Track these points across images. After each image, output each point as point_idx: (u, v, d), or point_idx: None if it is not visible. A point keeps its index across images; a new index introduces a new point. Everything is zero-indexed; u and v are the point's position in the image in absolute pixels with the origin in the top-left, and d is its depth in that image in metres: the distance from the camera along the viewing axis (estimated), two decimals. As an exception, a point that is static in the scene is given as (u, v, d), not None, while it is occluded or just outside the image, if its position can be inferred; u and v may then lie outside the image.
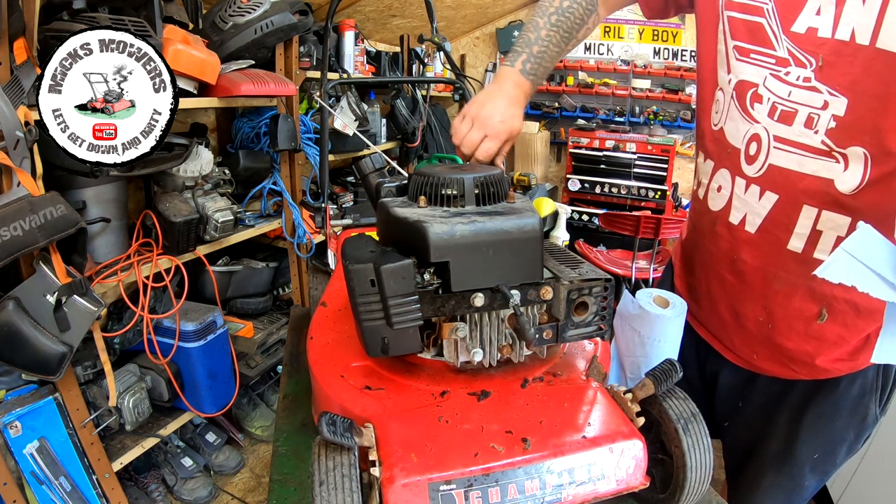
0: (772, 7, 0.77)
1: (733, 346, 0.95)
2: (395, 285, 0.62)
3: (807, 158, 0.76)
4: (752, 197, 0.83)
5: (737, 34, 0.82)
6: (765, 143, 0.80)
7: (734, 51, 0.83)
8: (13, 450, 1.40)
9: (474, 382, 0.72)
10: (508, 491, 0.58)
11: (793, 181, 0.77)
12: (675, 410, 0.67)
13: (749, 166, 0.82)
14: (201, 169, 1.73)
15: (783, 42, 0.76)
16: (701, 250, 0.97)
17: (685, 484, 0.66)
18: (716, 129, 0.88)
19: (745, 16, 0.81)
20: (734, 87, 0.84)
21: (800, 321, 0.84)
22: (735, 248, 0.87)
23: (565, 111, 3.66)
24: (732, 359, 0.96)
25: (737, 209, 0.86)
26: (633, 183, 3.27)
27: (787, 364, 0.89)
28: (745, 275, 0.87)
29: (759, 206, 0.82)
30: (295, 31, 1.94)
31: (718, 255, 0.91)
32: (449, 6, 3.16)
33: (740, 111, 0.83)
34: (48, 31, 1.31)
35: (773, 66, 0.78)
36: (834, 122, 0.72)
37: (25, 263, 1.31)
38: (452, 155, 3.22)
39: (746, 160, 0.83)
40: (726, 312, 0.94)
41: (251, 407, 2.25)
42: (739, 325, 0.92)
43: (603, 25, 3.56)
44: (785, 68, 0.76)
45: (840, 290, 0.79)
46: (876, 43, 0.67)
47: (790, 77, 0.76)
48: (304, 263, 2.31)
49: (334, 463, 0.57)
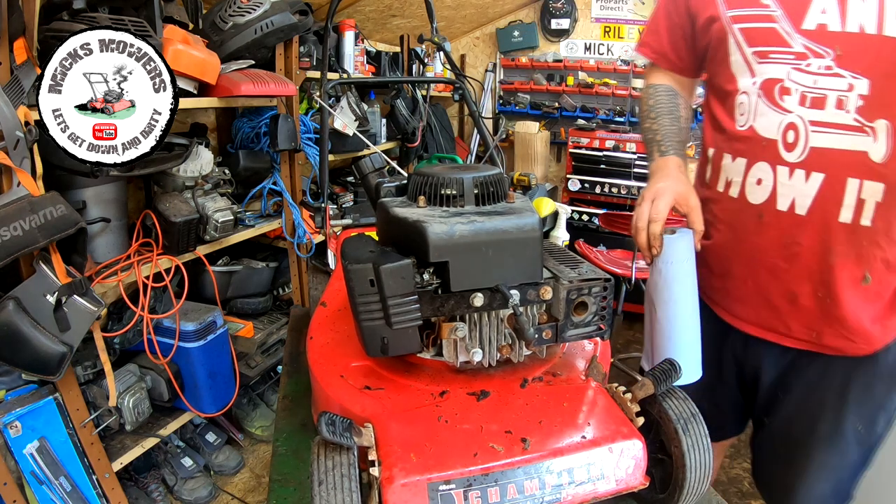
0: (780, 13, 0.87)
1: (790, 330, 0.98)
2: (394, 285, 0.62)
3: (843, 136, 0.84)
4: (798, 181, 0.89)
5: (753, 41, 0.91)
6: (802, 129, 0.87)
7: (754, 56, 0.92)
8: (13, 450, 1.40)
9: (474, 382, 0.72)
10: (508, 491, 0.58)
11: (835, 158, 0.85)
12: (675, 410, 0.68)
13: (789, 153, 0.89)
14: (201, 169, 1.73)
15: (797, 39, 0.86)
16: (744, 247, 1.00)
17: (685, 484, 0.66)
18: (744, 130, 0.95)
19: (757, 24, 0.90)
20: (760, 87, 0.91)
21: (851, 288, 0.91)
22: (788, 233, 0.92)
23: (565, 111, 3.66)
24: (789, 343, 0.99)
25: (783, 196, 0.91)
26: (633, 183, 3.27)
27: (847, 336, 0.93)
28: (800, 257, 0.92)
29: (806, 188, 0.88)
30: (295, 31, 1.94)
31: (767, 245, 0.96)
32: (449, 6, 3.16)
33: (770, 106, 0.90)
34: (48, 31, 1.31)
35: (793, 61, 0.87)
36: (861, 100, 0.82)
37: (25, 263, 1.31)
38: (452, 155, 3.23)
39: (786, 148, 0.89)
40: (781, 300, 0.97)
41: (251, 407, 2.25)
42: (797, 308, 0.95)
43: (603, 25, 3.56)
44: (804, 61, 0.86)
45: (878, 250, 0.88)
46: (882, 31, 0.79)
47: (812, 67, 0.85)
48: (304, 263, 2.31)
49: (334, 463, 0.57)
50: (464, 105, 3.96)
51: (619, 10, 3.50)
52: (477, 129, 1.95)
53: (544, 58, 3.66)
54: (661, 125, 1.06)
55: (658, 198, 0.95)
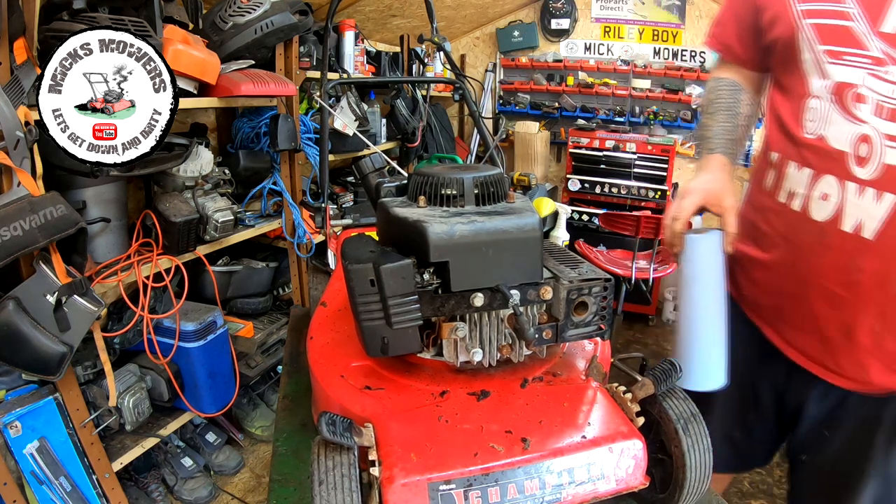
0: (857, 11, 0.78)
1: (839, 367, 0.90)
2: (394, 285, 0.62)
3: None
4: (868, 200, 0.80)
5: (825, 39, 0.83)
6: (876, 143, 0.78)
7: (825, 55, 0.83)
8: (13, 450, 1.40)
9: (474, 382, 0.72)
10: (508, 491, 0.58)
11: None
12: (675, 410, 0.68)
13: (861, 168, 0.80)
14: (201, 169, 1.73)
15: (875, 42, 0.77)
16: (801, 267, 0.91)
17: (685, 484, 0.66)
18: (812, 138, 0.87)
19: (831, 21, 0.82)
20: (832, 91, 0.83)
21: None
22: (850, 257, 0.84)
23: (565, 111, 3.66)
24: (837, 381, 0.91)
25: (850, 215, 0.82)
26: (633, 183, 3.27)
27: None
28: (861, 285, 0.83)
29: (876, 209, 0.79)
30: (295, 31, 1.94)
31: (826, 269, 0.87)
32: (449, 6, 3.16)
33: (843, 113, 0.82)
34: (48, 31, 1.31)
35: (871, 66, 0.78)
36: None
37: (25, 263, 1.31)
38: (453, 155, 3.23)
39: (857, 162, 0.81)
40: (835, 332, 0.89)
41: (251, 407, 2.25)
42: (851, 342, 0.87)
43: (603, 25, 3.56)
44: (883, 67, 0.77)
45: None
46: None
47: (890, 76, 0.76)
48: (304, 263, 2.31)
49: (334, 463, 0.57)
50: (464, 105, 3.96)
51: (619, 10, 3.51)
52: (477, 129, 1.96)
53: (544, 58, 3.67)
54: (715, 121, 1.02)
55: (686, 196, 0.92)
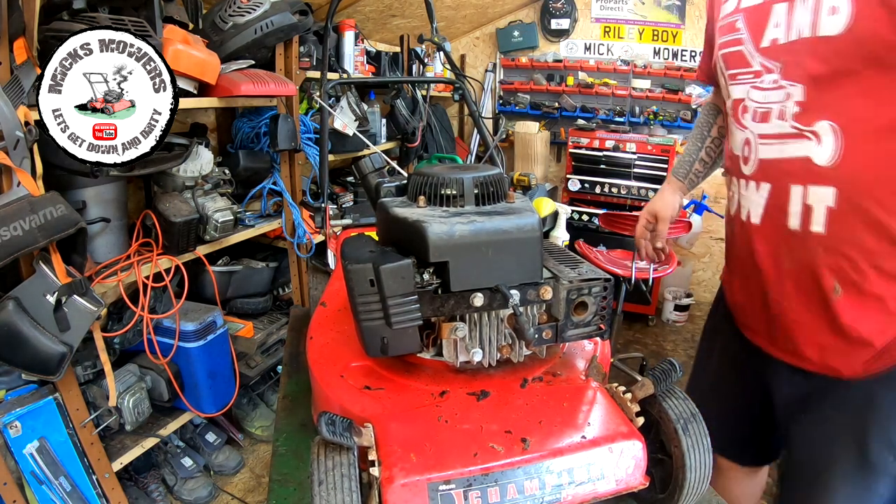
0: (746, 35, 0.91)
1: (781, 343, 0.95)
2: (394, 285, 0.62)
3: (785, 145, 0.87)
4: (752, 191, 0.94)
5: (729, 65, 0.97)
6: (753, 143, 0.92)
7: (729, 79, 0.97)
8: (13, 450, 1.40)
9: (474, 382, 0.72)
10: (508, 491, 0.58)
11: (778, 167, 0.88)
12: (675, 410, 0.67)
13: (745, 166, 0.95)
14: (201, 169, 1.73)
15: (757, 58, 0.90)
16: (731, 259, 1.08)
17: (685, 484, 0.66)
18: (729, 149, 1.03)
19: (730, 49, 0.96)
20: (731, 108, 0.98)
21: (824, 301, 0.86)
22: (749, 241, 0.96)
23: (565, 111, 3.66)
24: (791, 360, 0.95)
25: (744, 207, 0.97)
26: (633, 183, 3.27)
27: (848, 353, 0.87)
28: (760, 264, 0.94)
29: (758, 197, 0.92)
30: (295, 31, 1.94)
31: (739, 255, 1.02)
32: (449, 6, 3.16)
33: (735, 124, 0.97)
34: (48, 31, 1.31)
35: (753, 80, 0.91)
36: (797, 107, 0.84)
37: (25, 263, 1.31)
38: (452, 155, 3.23)
39: (743, 162, 0.95)
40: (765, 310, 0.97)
41: (251, 407, 2.25)
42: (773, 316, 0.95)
43: (603, 25, 3.56)
44: (759, 78, 0.90)
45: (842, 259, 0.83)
46: (817, 32, 0.79)
47: (764, 83, 0.89)
48: (304, 263, 2.31)
49: (334, 463, 0.57)
50: (464, 105, 3.96)
51: (619, 10, 3.50)
52: (477, 129, 1.95)
53: (544, 58, 3.66)
54: (685, 149, 1.23)
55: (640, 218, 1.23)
